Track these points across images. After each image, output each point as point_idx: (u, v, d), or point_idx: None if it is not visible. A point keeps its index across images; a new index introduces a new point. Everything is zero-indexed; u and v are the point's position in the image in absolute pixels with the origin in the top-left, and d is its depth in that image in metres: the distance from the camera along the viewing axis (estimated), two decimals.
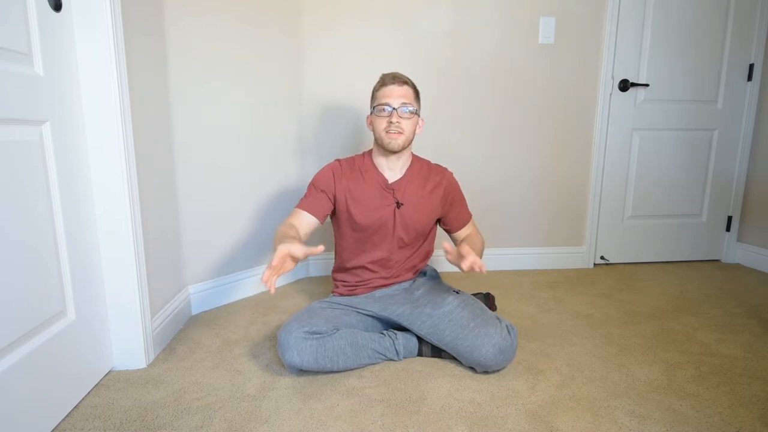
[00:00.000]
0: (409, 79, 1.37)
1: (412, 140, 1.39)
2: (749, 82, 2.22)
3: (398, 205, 1.39)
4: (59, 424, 1.02)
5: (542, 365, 1.29)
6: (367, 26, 1.99)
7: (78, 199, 1.10)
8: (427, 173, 1.45)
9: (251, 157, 1.80)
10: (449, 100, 2.09)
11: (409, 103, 1.33)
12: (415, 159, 1.46)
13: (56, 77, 1.02)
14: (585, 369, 1.27)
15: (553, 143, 2.18)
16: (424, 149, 2.11)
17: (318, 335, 1.19)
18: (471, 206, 2.18)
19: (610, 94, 2.15)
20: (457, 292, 1.36)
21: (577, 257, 2.28)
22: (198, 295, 1.68)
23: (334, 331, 1.22)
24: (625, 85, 2.14)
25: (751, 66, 2.21)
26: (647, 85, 2.15)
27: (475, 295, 1.65)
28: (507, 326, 1.25)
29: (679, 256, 2.37)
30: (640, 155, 2.23)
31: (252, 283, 1.87)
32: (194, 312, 1.67)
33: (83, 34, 1.09)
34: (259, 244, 1.89)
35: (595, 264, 2.32)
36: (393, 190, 1.40)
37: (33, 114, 0.94)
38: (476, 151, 2.14)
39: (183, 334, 1.49)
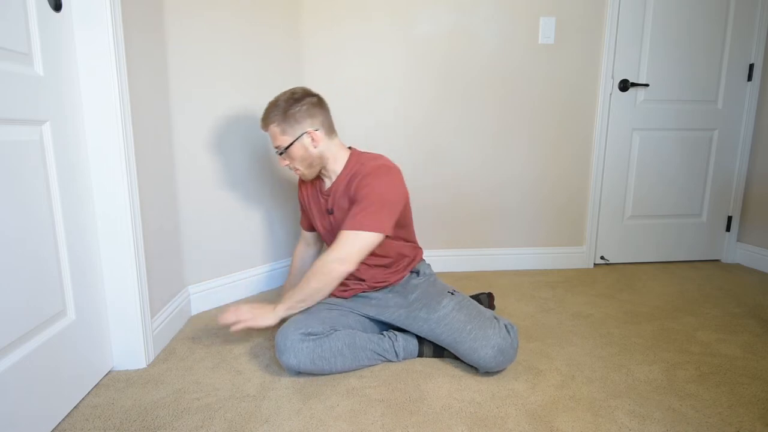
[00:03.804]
0: (269, 114, 1.27)
1: (316, 156, 1.28)
2: (749, 82, 2.22)
3: (329, 211, 1.35)
4: (59, 424, 1.02)
5: (542, 365, 1.29)
6: (367, 26, 1.99)
7: (78, 199, 1.10)
8: (355, 173, 1.27)
9: (251, 156, 1.80)
10: (449, 99, 2.09)
11: (279, 145, 1.27)
12: (351, 160, 1.31)
13: (56, 77, 1.02)
14: (585, 369, 1.27)
15: (553, 143, 2.18)
16: (423, 149, 2.11)
17: (314, 336, 1.19)
18: (471, 206, 2.18)
19: (610, 94, 2.15)
20: (452, 293, 1.33)
21: (577, 257, 2.28)
22: (198, 295, 1.68)
23: (332, 332, 1.22)
24: (625, 85, 2.14)
25: (751, 66, 2.20)
26: (647, 85, 2.15)
27: (478, 295, 1.64)
28: (506, 325, 1.24)
29: (679, 256, 2.37)
30: (640, 155, 2.23)
31: (252, 283, 1.87)
32: (194, 312, 1.67)
33: (83, 34, 1.09)
34: (259, 244, 1.89)
35: (595, 264, 2.32)
36: (327, 196, 1.35)
37: (33, 114, 0.94)
38: (476, 151, 2.14)
39: (183, 334, 1.49)
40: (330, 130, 1.31)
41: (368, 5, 1.97)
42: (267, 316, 1.21)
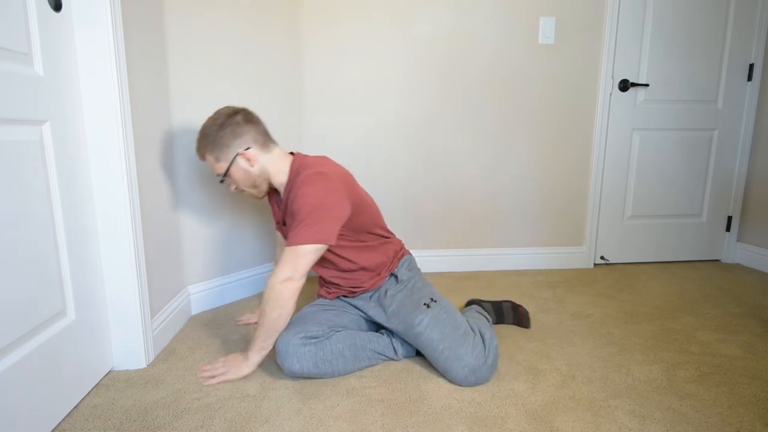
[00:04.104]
0: (200, 145, 1.24)
1: (257, 175, 1.25)
2: (749, 82, 2.22)
3: (283, 223, 1.34)
4: (59, 424, 1.02)
5: (542, 365, 1.29)
6: (367, 26, 1.99)
7: (78, 199, 1.10)
8: (293, 184, 1.23)
9: None
10: (449, 99, 2.09)
11: (218, 173, 1.26)
12: (292, 169, 1.25)
13: (56, 77, 1.02)
14: (585, 369, 1.27)
15: (553, 143, 2.18)
16: (423, 149, 2.11)
17: (315, 339, 1.19)
18: (471, 206, 2.18)
19: (610, 94, 2.15)
20: (428, 306, 1.24)
21: (577, 257, 2.28)
22: (198, 295, 1.68)
23: (331, 333, 1.22)
24: (625, 85, 2.14)
25: (751, 66, 2.21)
26: (647, 85, 2.15)
27: (500, 302, 1.56)
28: (485, 340, 1.20)
29: (679, 256, 2.37)
30: (640, 155, 2.23)
31: (252, 283, 1.87)
32: (194, 312, 1.67)
33: (83, 34, 1.09)
34: (259, 244, 1.89)
35: (595, 264, 2.32)
36: (280, 208, 1.35)
37: (33, 114, 0.94)
38: (476, 151, 2.14)
39: (183, 334, 1.49)
40: (265, 143, 1.25)
41: (368, 5, 1.97)
42: (241, 368, 1.20)
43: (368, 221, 1.30)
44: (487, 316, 1.45)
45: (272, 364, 1.29)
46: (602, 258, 2.31)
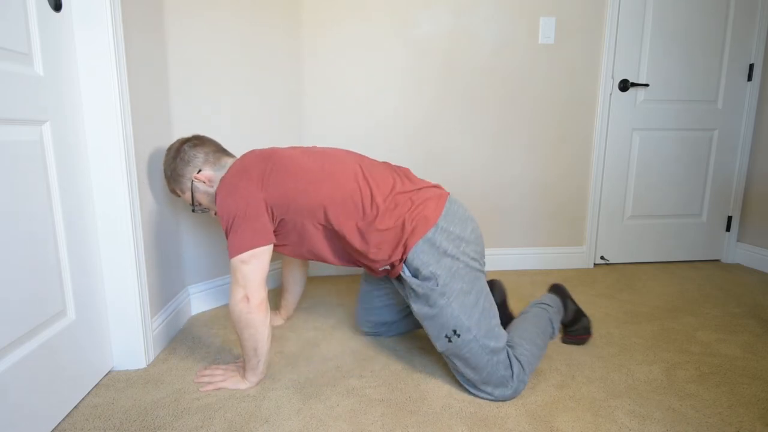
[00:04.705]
0: (167, 183, 1.29)
1: (210, 193, 1.25)
2: (749, 82, 2.22)
3: None
4: (59, 424, 1.02)
5: (542, 365, 1.29)
6: (367, 26, 1.99)
7: (78, 199, 1.10)
8: None
9: None
10: (449, 99, 2.09)
11: (189, 204, 1.27)
12: None
13: (56, 77, 1.02)
14: (585, 369, 1.27)
15: (553, 143, 2.18)
16: (423, 149, 2.11)
17: (381, 332, 1.44)
18: (471, 206, 2.18)
19: (610, 94, 2.15)
20: (450, 340, 1.10)
21: (577, 257, 2.28)
22: (198, 295, 1.68)
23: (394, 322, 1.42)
24: (625, 85, 2.14)
25: (751, 66, 2.21)
26: (647, 85, 2.15)
27: (583, 317, 1.41)
28: (513, 378, 1.10)
29: (679, 256, 2.37)
30: (640, 155, 2.23)
31: None
32: (194, 312, 1.67)
33: (83, 34, 1.09)
34: None
35: (595, 264, 2.32)
36: None
37: (33, 114, 0.94)
38: (476, 151, 2.14)
39: (183, 334, 1.49)
40: (217, 161, 1.25)
41: (368, 5, 1.97)
42: (239, 383, 1.17)
43: (329, 197, 1.13)
44: (554, 327, 1.31)
45: (272, 363, 1.29)
46: (602, 258, 2.31)
